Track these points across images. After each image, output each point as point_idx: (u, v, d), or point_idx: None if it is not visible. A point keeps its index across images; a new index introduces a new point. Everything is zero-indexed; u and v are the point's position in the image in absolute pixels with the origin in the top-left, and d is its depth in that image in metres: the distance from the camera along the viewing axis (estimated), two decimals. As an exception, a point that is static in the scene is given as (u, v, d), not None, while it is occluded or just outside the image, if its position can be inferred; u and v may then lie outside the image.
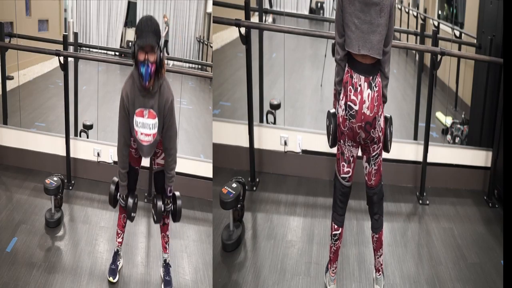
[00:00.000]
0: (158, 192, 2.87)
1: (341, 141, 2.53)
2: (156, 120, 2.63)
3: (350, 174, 2.57)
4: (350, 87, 2.42)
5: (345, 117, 2.46)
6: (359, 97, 2.41)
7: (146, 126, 2.64)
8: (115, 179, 2.88)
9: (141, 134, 2.65)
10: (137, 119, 2.63)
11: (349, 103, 2.43)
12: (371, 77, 2.40)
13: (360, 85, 2.40)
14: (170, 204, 2.86)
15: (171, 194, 2.84)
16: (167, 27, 4.98)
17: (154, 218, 2.86)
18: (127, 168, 2.77)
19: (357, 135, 2.48)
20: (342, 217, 2.62)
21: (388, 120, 2.55)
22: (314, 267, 2.99)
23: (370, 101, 2.41)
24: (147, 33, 2.49)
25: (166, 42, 5.03)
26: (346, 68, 2.43)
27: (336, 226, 2.62)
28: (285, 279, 2.90)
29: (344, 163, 2.55)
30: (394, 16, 2.40)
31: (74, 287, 2.88)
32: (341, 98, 2.47)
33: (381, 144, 2.54)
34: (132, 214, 2.83)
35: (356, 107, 2.42)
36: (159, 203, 2.81)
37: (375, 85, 2.41)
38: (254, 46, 3.78)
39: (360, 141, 2.51)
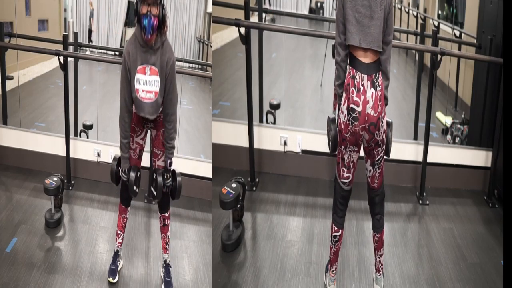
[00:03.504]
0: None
1: (342, 146, 2.49)
2: (158, 78, 2.59)
3: (350, 179, 2.55)
4: (353, 88, 2.39)
5: (347, 122, 2.42)
6: (362, 97, 2.38)
7: (147, 83, 2.58)
8: (117, 155, 2.81)
9: (142, 91, 2.59)
10: (138, 76, 2.58)
11: (351, 105, 2.40)
12: (373, 75, 2.38)
13: (363, 85, 2.38)
14: (170, 179, 2.78)
15: (171, 167, 2.75)
16: (91, 17, 4.85)
17: (154, 194, 2.77)
18: (129, 137, 2.70)
19: (360, 138, 2.44)
20: (342, 219, 2.61)
21: (389, 125, 2.55)
22: (314, 267, 2.99)
23: (374, 100, 2.38)
24: None
25: (90, 31, 4.91)
26: (348, 70, 2.42)
27: (336, 228, 2.61)
28: (285, 279, 2.90)
29: (344, 168, 2.53)
30: (393, 8, 2.42)
31: (74, 288, 2.89)
32: (342, 103, 2.44)
33: (384, 147, 2.51)
34: (135, 188, 2.75)
35: (359, 108, 2.38)
36: (159, 179, 2.72)
37: (378, 84, 2.39)
38: (254, 46, 3.78)
39: (363, 143, 2.48)
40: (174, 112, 2.68)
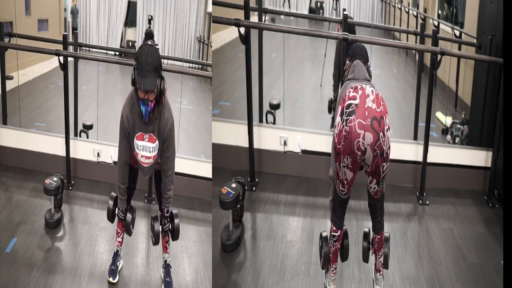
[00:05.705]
0: (158, 192, 2.87)
1: (337, 162, 2.40)
2: (156, 143, 2.62)
3: (346, 191, 2.50)
4: (350, 89, 2.37)
5: (341, 127, 2.29)
6: (360, 92, 2.31)
7: (146, 149, 2.63)
8: (113, 194, 2.90)
9: (142, 156, 2.66)
10: (137, 142, 2.63)
11: (348, 101, 2.30)
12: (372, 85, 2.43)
13: (360, 85, 2.37)
14: (168, 224, 2.87)
15: (168, 214, 2.84)
16: (72, 15, 4.82)
17: (153, 240, 2.88)
18: (127, 183, 2.77)
19: (356, 140, 2.26)
20: (340, 219, 2.60)
21: (387, 240, 2.61)
22: (314, 267, 2.99)
23: (374, 95, 2.30)
24: (148, 72, 2.38)
25: (74, 29, 4.89)
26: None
27: (335, 228, 2.61)
28: (285, 279, 2.90)
29: (339, 182, 2.48)
30: None
31: (74, 288, 2.89)
32: (337, 114, 2.36)
33: (389, 163, 2.37)
34: (131, 227, 2.86)
35: (356, 101, 2.28)
36: (157, 225, 2.83)
37: (377, 91, 2.37)
38: (253, 46, 3.78)
39: (367, 161, 2.33)
40: (171, 167, 2.73)
